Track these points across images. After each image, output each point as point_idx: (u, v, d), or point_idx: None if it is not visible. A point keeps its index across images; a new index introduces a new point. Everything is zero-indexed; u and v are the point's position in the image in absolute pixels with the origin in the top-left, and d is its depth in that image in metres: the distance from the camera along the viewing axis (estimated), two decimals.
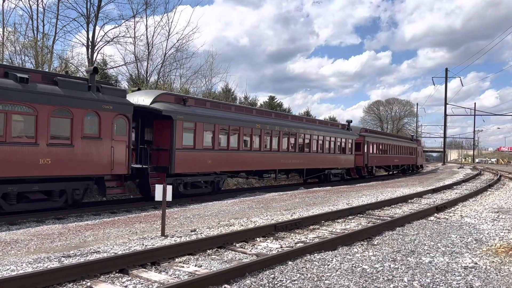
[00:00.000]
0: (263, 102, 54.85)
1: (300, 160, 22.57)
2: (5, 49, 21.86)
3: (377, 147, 32.88)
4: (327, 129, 26.22)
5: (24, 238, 8.21)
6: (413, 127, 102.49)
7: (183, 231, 8.79)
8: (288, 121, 22.58)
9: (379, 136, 35.44)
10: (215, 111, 17.32)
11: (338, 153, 26.77)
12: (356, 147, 29.31)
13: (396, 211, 12.39)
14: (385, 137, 37.60)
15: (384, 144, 34.74)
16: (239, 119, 18.12)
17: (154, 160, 14.97)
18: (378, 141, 33.16)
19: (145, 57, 29.37)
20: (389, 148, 36.29)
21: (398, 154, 39.44)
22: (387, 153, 35.67)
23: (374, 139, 32.50)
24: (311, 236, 8.35)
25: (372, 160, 31.50)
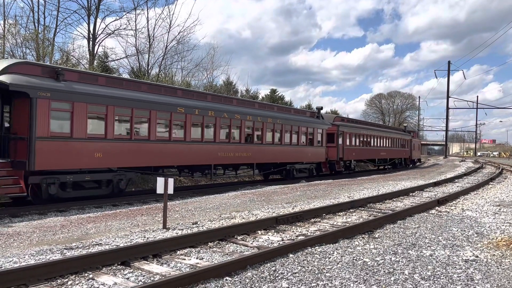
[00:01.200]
0: (264, 95, 54.79)
1: (248, 153, 18.77)
2: (6, 42, 21.80)
3: (357, 139, 29.30)
4: (288, 116, 22.03)
5: (27, 231, 8.25)
6: (415, 120, 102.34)
7: (184, 223, 8.82)
8: (230, 106, 18.39)
9: (358, 126, 30.94)
10: (113, 89, 13.43)
11: (303, 145, 22.76)
12: (329, 139, 25.87)
13: (397, 204, 12.40)
14: (367, 127, 32.89)
15: (365, 135, 30.89)
16: (151, 101, 14.35)
17: (12, 153, 11.62)
18: (357, 132, 29.41)
19: (146, 50, 29.28)
20: (373, 140, 32.42)
21: (386, 146, 35.41)
22: (370, 145, 31.92)
23: (352, 129, 28.68)
24: (312, 229, 8.37)
25: (349, 154, 27.85)
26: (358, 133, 29.52)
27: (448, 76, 66.17)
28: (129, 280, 5.13)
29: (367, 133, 31.32)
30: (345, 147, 27.25)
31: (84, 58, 26.21)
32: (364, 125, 33.01)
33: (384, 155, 34.96)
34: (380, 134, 34.25)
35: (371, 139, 32.16)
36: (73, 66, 23.15)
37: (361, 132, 30.15)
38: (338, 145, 26.46)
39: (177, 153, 15.38)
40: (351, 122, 30.55)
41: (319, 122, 24.60)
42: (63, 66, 21.11)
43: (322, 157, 24.85)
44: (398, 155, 38.99)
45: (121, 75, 29.05)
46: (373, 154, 33.01)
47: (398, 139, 38.81)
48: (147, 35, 29.20)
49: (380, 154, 34.05)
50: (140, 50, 29.08)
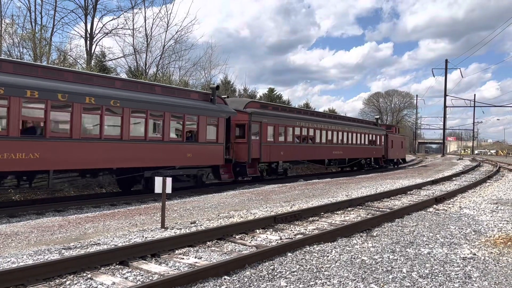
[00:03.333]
0: (262, 94, 54.81)
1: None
2: (3, 41, 21.74)
3: (288, 132, 21.81)
4: (143, 97, 14.14)
5: (25, 230, 8.24)
6: (413, 119, 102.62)
7: (183, 223, 8.82)
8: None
9: (290, 115, 22.73)
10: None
11: (176, 141, 15.46)
12: (240, 132, 19.23)
13: (395, 202, 12.43)
14: (308, 117, 24.71)
15: (304, 127, 23.34)
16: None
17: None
18: (287, 123, 21.79)
19: (143, 49, 29.31)
20: (318, 135, 24.95)
21: (343, 143, 27.89)
22: (312, 141, 24.39)
23: (278, 119, 21.07)
24: (311, 228, 8.38)
25: (273, 153, 20.53)
26: (289, 125, 21.90)
27: (446, 75, 66.35)
28: (128, 280, 5.13)
29: (306, 125, 23.59)
30: (265, 144, 19.89)
31: (81, 57, 26.19)
32: (302, 114, 24.95)
33: (339, 154, 27.46)
34: (331, 127, 26.59)
35: (316, 134, 24.68)
36: (70, 66, 23.11)
37: (294, 124, 22.47)
38: (251, 141, 18.92)
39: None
40: (277, 109, 22.62)
41: (212, 108, 16.92)
42: (61, 65, 21.08)
43: (219, 159, 17.30)
44: (364, 154, 31.54)
45: (119, 75, 29.01)
46: (320, 153, 25.36)
47: (363, 134, 31.04)
48: (145, 34, 29.24)
49: (333, 153, 26.61)
50: (137, 49, 29.13)
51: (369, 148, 32.31)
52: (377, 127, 34.74)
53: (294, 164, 24.39)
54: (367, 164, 32.70)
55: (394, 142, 37.00)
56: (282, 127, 21.48)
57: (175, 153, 15.37)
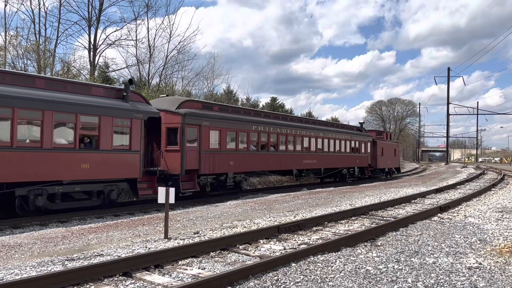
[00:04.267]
0: (265, 103, 54.93)
1: None
2: (8, 53, 21.94)
3: (237, 138, 18.31)
4: (9, 92, 10.81)
5: (28, 242, 8.23)
6: (416, 127, 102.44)
7: (186, 233, 8.79)
8: None
9: (242, 118, 19.07)
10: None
11: (69, 150, 12.23)
12: (172, 137, 15.77)
13: (399, 211, 12.36)
14: (267, 120, 20.74)
15: (262, 133, 19.81)
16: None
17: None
18: (239, 128, 18.30)
19: (146, 60, 29.52)
20: (281, 141, 21.24)
21: (317, 151, 24.26)
22: (276, 148, 20.90)
23: (223, 122, 17.41)
24: (314, 238, 8.34)
25: (214, 162, 16.86)
26: (242, 130, 18.51)
27: (448, 83, 66.39)
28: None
29: (267, 130, 20.16)
30: (207, 152, 16.41)
31: (85, 68, 26.37)
32: (262, 117, 20.90)
33: (312, 163, 23.87)
34: (301, 132, 22.90)
35: (280, 140, 21.10)
36: (74, 77, 23.27)
37: (250, 128, 19.01)
38: (185, 149, 15.53)
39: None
40: (226, 111, 18.70)
41: (122, 107, 13.47)
42: (64, 76, 21.25)
43: (134, 170, 13.68)
44: (345, 163, 27.82)
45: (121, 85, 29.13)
46: (286, 163, 21.76)
47: (344, 140, 27.51)
48: (148, 45, 29.47)
49: (303, 162, 23.11)
50: (140, 60, 29.34)
51: (352, 157, 28.72)
52: (361, 133, 30.82)
53: (251, 176, 21.21)
54: (350, 174, 29.13)
55: (384, 149, 33.40)
56: (232, 131, 18.01)
57: (61, 164, 11.95)
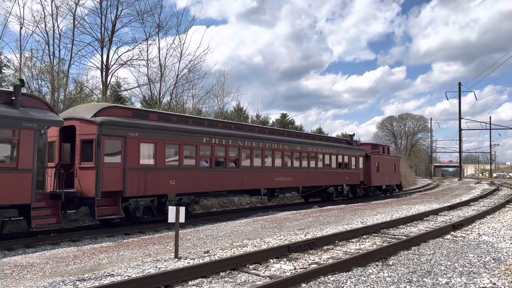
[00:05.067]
0: (275, 119, 55.13)
1: None
2: (23, 74, 22.46)
3: (181, 153, 15.15)
4: None
5: (40, 261, 8.30)
6: (428, 142, 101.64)
7: (196, 252, 8.79)
8: None
9: (187, 128, 15.78)
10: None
11: None
12: (84, 152, 12.95)
13: (411, 229, 12.20)
14: (225, 131, 17.63)
15: (217, 146, 16.75)
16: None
17: None
18: (184, 140, 15.27)
19: (158, 79, 29.92)
20: (244, 156, 18.23)
21: (293, 167, 21.19)
22: (237, 164, 17.84)
23: (160, 134, 14.45)
24: (325, 257, 8.27)
25: (147, 182, 13.89)
26: (188, 142, 15.45)
27: (460, 98, 65.92)
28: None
29: (224, 143, 17.06)
30: (136, 170, 13.49)
31: (97, 88, 26.83)
32: (219, 127, 17.72)
33: (286, 181, 20.65)
34: (271, 145, 19.74)
35: (242, 154, 18.07)
36: (86, 97, 23.69)
37: (200, 141, 15.93)
38: (101, 165, 12.64)
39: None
40: (168, 120, 15.47)
41: (6, 115, 10.59)
42: (77, 96, 21.65)
43: (24, 194, 10.78)
44: (330, 180, 24.59)
45: (134, 105, 29.53)
46: (251, 181, 18.41)
47: (328, 155, 24.33)
48: (159, 64, 29.91)
49: (275, 180, 19.89)
50: (152, 79, 29.75)
51: (339, 173, 25.32)
52: (351, 147, 27.45)
53: (205, 197, 17.76)
54: (338, 193, 25.76)
55: (380, 164, 30.19)
56: (174, 144, 14.94)
57: None
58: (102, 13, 27.12)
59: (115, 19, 27.74)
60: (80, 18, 26.47)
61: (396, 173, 33.93)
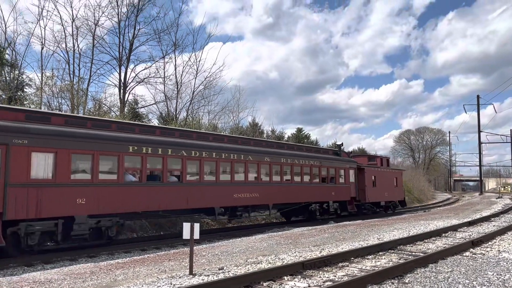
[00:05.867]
0: (290, 134, 55.16)
1: None
2: (44, 93, 23.11)
3: (95, 164, 12.40)
4: None
5: (58, 278, 8.44)
6: (446, 156, 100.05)
7: (210, 269, 8.82)
8: None
9: (106, 135, 12.97)
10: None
11: None
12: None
13: (429, 246, 12.00)
14: (161, 139, 14.65)
15: (151, 156, 13.92)
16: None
17: None
18: (98, 149, 12.51)
19: (174, 96, 30.40)
20: (191, 167, 15.34)
21: (260, 181, 18.26)
22: (180, 178, 14.86)
23: (63, 140, 11.80)
24: (340, 274, 8.20)
25: (41, 201, 11.11)
26: (104, 152, 12.68)
27: (478, 111, 64.99)
28: None
29: (157, 153, 14.04)
30: (22, 186, 10.87)
31: (115, 105, 27.40)
32: (157, 135, 14.95)
33: (250, 198, 17.53)
34: (228, 155, 16.57)
35: (185, 166, 14.86)
36: (104, 114, 24.19)
37: (125, 150, 13.16)
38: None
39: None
40: (77, 125, 12.87)
41: None
42: (96, 114, 22.13)
43: None
44: (312, 196, 21.48)
45: (151, 121, 29.98)
46: (201, 198, 15.39)
47: (309, 167, 21.24)
48: (175, 81, 30.42)
49: (234, 196, 16.74)
50: (168, 96, 30.22)
51: (323, 188, 22.18)
52: (338, 158, 24.32)
53: (136, 218, 15.08)
54: (324, 210, 22.57)
55: (378, 178, 27.13)
56: (85, 154, 12.29)
57: None
58: (120, 32, 27.90)
59: (132, 38, 28.48)
60: (99, 37, 27.26)
61: (398, 188, 30.88)
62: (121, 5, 27.89)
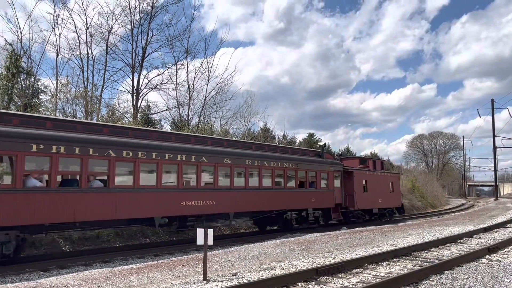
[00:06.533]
0: (302, 139, 55.10)
1: None
2: (58, 100, 23.49)
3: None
4: None
5: (74, 283, 8.53)
6: (460, 161, 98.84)
7: (224, 275, 8.83)
8: None
9: (15, 130, 10.78)
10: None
11: None
12: None
13: (444, 252, 11.85)
14: (80, 136, 12.12)
15: (58, 155, 11.36)
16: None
17: None
18: None
19: (186, 102, 30.62)
20: (119, 170, 13.01)
21: (220, 186, 15.86)
22: (108, 184, 12.55)
23: None
24: (354, 281, 8.15)
25: None
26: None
27: (493, 115, 64.08)
28: None
29: (73, 152, 11.76)
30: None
31: (128, 112, 27.70)
32: (71, 130, 12.33)
33: (204, 206, 15.02)
34: (173, 156, 14.26)
35: (114, 168, 12.66)
36: (118, 120, 24.46)
37: (22, 149, 10.79)
38: None
39: None
40: None
41: None
42: (109, 120, 22.40)
43: None
44: (286, 203, 18.82)
45: (164, 127, 30.24)
46: (137, 207, 13.15)
47: (281, 169, 18.65)
48: (187, 87, 30.65)
49: (181, 204, 14.31)
50: (180, 102, 30.46)
51: (301, 194, 19.63)
52: (320, 160, 21.39)
53: (43, 231, 12.09)
54: (302, 218, 19.99)
55: (369, 183, 24.57)
56: None
57: None
58: (133, 39, 28.26)
59: (145, 45, 28.84)
60: (113, 44, 27.67)
61: (395, 194, 28.01)
62: (134, 12, 28.32)
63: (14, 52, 22.35)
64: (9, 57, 22.05)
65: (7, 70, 21.77)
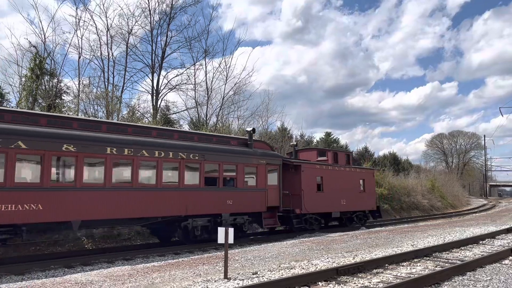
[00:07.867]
0: (319, 138, 54.86)
1: None
2: (81, 100, 23.98)
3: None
4: None
5: (98, 279, 8.75)
6: (482, 160, 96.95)
7: (244, 273, 8.92)
8: None
9: None
10: None
11: None
12: None
13: (466, 253, 11.71)
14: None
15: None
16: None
17: None
18: None
19: (204, 102, 30.85)
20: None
21: (50, 186, 10.84)
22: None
23: None
24: (375, 281, 8.14)
25: None
26: None
27: None
28: None
29: None
30: None
31: (148, 112, 28.09)
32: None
33: (19, 212, 10.20)
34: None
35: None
36: (138, 120, 24.83)
37: None
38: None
39: None
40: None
41: None
42: (129, 120, 22.76)
43: None
44: (184, 206, 13.93)
45: (182, 127, 30.53)
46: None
47: (167, 161, 13.54)
48: (206, 88, 30.87)
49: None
50: (199, 102, 30.71)
51: (209, 194, 14.82)
52: (245, 150, 16.46)
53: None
54: (216, 224, 14.71)
55: (326, 180, 19.92)
56: None
57: None
58: (153, 40, 28.62)
59: (164, 46, 29.18)
60: (133, 46, 28.08)
61: (368, 194, 22.70)
62: (153, 13, 28.67)
63: (38, 54, 22.90)
64: (34, 59, 22.60)
65: (32, 72, 22.32)
